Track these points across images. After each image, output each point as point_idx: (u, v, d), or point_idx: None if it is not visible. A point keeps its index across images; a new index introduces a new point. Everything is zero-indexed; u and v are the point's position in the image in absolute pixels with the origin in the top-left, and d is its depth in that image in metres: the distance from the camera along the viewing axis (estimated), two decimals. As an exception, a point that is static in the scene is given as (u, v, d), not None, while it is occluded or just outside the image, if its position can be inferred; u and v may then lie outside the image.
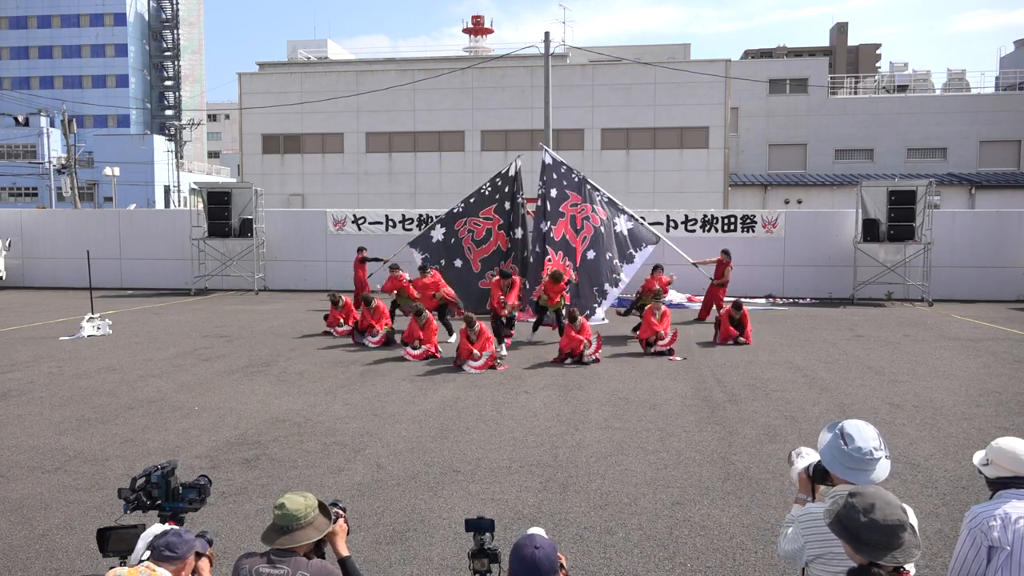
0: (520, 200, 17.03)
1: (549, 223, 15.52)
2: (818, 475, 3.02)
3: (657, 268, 15.46)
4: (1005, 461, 3.04)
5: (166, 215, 25.49)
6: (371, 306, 13.24)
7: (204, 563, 3.01)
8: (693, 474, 6.57)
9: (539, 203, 15.94)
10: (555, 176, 15.91)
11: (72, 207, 39.48)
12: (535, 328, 13.81)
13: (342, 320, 14.08)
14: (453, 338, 12.97)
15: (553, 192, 15.73)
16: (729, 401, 9.21)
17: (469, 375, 10.81)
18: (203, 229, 21.93)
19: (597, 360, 11.69)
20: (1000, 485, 3.05)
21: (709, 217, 21.03)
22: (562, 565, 2.63)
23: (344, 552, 3.05)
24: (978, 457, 3.21)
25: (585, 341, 11.58)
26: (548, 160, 16.07)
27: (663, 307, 12.83)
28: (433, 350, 11.92)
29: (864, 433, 2.79)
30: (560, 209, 15.65)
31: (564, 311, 12.39)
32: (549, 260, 15.28)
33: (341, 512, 3.10)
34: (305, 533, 2.88)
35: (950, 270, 20.13)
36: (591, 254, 15.49)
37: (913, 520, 2.45)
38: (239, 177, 41.09)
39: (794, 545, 2.88)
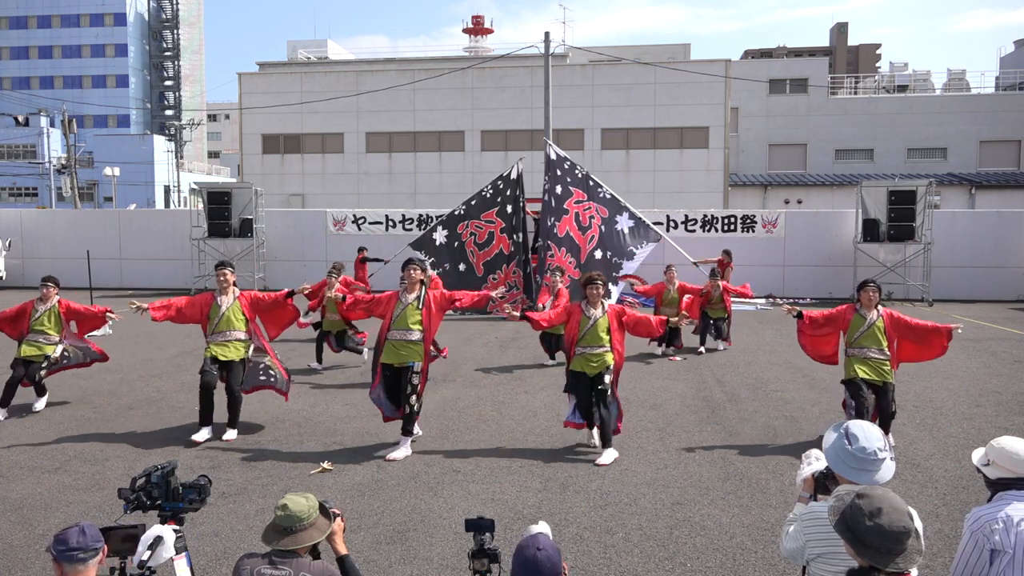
0: (521, 203, 17.03)
1: (553, 219, 15.57)
2: (823, 482, 3.02)
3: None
4: (1007, 462, 3.00)
5: (166, 215, 25.49)
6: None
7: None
8: (693, 474, 6.57)
9: (544, 198, 15.98)
10: (559, 172, 15.97)
11: (72, 207, 39.46)
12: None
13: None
14: (365, 355, 11.53)
15: (558, 188, 15.79)
16: (729, 401, 9.21)
17: (469, 376, 10.80)
18: (203, 229, 21.93)
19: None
20: (1001, 486, 3.02)
21: (709, 217, 21.04)
22: (564, 573, 2.62)
23: (343, 550, 3.08)
24: (978, 456, 3.17)
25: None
26: (552, 155, 16.13)
27: (677, 282, 12.81)
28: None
29: (869, 433, 2.80)
30: (564, 206, 15.70)
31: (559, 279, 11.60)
32: (552, 255, 15.34)
33: (338, 511, 3.13)
34: (308, 534, 2.90)
35: (950, 270, 20.14)
36: (597, 254, 15.56)
37: (918, 524, 2.44)
38: (239, 177, 41.08)
39: (796, 543, 2.88)
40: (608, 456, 6.85)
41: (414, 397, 7.03)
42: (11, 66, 75.70)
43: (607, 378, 6.99)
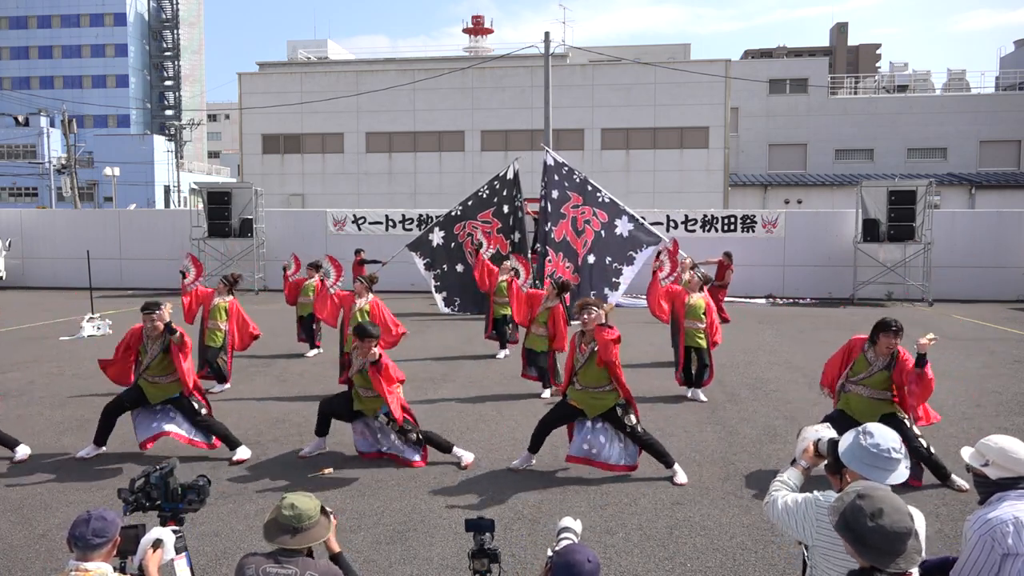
0: (519, 203, 17.01)
1: (550, 223, 15.57)
2: (827, 450, 3.06)
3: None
4: (1009, 463, 2.98)
5: (166, 215, 25.50)
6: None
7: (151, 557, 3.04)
8: (693, 474, 6.56)
9: (541, 203, 15.99)
10: (556, 177, 15.96)
11: (72, 207, 39.45)
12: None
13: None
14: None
15: (555, 193, 15.78)
16: (729, 401, 9.21)
17: (469, 375, 10.80)
18: (203, 229, 21.94)
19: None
20: (1001, 486, 2.98)
21: (709, 217, 21.04)
22: None
23: (337, 548, 3.16)
24: (968, 454, 3.14)
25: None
26: (550, 161, 16.12)
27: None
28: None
29: (884, 433, 2.85)
30: (561, 211, 15.70)
31: (554, 282, 10.82)
32: (549, 261, 15.34)
33: (330, 509, 3.17)
34: (316, 532, 2.96)
35: (950, 270, 20.13)
36: (592, 258, 15.56)
37: (920, 525, 2.44)
38: (239, 177, 41.08)
39: (793, 521, 2.94)
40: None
41: (413, 433, 6.64)
42: (11, 66, 75.69)
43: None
